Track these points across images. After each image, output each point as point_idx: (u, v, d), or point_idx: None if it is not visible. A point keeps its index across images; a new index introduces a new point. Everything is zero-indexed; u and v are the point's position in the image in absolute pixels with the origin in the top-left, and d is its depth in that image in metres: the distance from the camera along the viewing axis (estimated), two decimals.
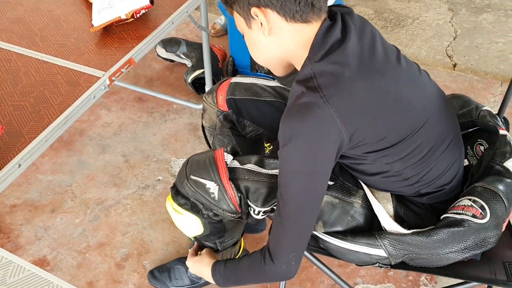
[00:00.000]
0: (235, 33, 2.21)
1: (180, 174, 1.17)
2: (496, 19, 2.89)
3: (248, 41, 0.99)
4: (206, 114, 1.40)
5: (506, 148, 1.11)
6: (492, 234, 0.99)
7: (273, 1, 0.88)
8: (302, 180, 0.92)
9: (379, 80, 0.90)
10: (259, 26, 0.92)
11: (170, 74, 2.39)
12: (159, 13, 1.59)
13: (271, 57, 0.99)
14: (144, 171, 1.93)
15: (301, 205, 0.94)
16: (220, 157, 1.12)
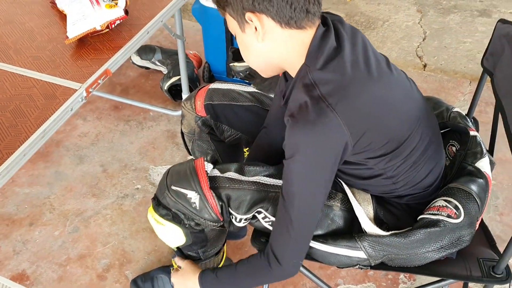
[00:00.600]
0: (210, 39, 2.22)
1: (161, 185, 1.18)
2: (462, 19, 2.98)
3: (240, 43, 1.00)
4: (185, 120, 1.42)
5: (477, 148, 1.16)
6: (466, 232, 1.03)
7: (268, 7, 0.89)
8: (309, 186, 0.95)
9: (377, 86, 0.93)
10: (253, 31, 0.93)
11: (145, 82, 2.39)
12: (134, 23, 1.59)
13: (263, 61, 1.00)
14: (123, 180, 1.92)
15: (308, 210, 0.97)
16: (200, 167, 1.14)
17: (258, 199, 1.10)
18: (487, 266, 1.08)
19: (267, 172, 1.14)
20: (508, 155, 1.77)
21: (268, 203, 1.10)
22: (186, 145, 1.48)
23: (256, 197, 1.11)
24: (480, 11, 3.06)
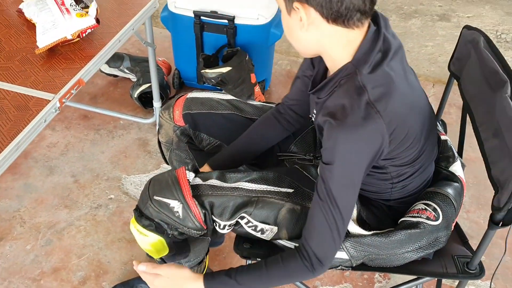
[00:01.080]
0: (180, 46, 2.22)
1: (143, 195, 1.17)
2: (423, 24, 3.08)
3: (283, 23, 0.98)
4: (163, 130, 1.41)
5: (449, 153, 1.21)
6: (443, 234, 1.08)
7: (318, 2, 0.87)
8: (349, 188, 0.96)
9: (410, 92, 0.98)
10: (298, 19, 0.92)
11: (114, 90, 2.36)
12: (105, 31, 1.58)
13: (304, 46, 0.99)
14: (95, 191, 1.89)
15: (349, 210, 0.98)
16: (182, 176, 1.13)
17: (241, 205, 1.11)
18: (461, 262, 1.13)
19: (249, 178, 1.15)
20: (472, 154, 1.85)
21: (251, 208, 1.11)
22: (163, 154, 1.47)
23: (238, 202, 1.11)
24: (439, 16, 3.17)
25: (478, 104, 1.18)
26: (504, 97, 1.02)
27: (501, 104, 1.03)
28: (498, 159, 1.03)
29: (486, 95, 1.12)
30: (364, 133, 0.90)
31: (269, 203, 1.12)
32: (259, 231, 1.13)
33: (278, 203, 1.12)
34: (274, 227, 1.12)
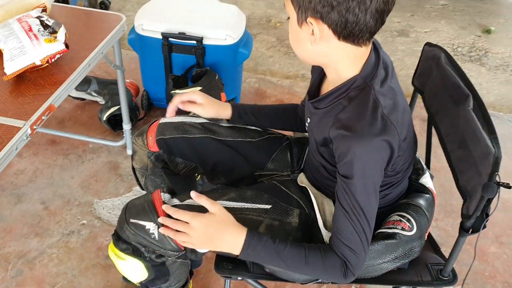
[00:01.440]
0: (147, 66, 2.22)
1: (120, 220, 1.17)
2: (383, 40, 3.19)
3: (291, 32, 1.00)
4: (137, 156, 1.41)
5: (418, 165, 1.26)
6: (417, 244, 1.12)
7: (334, 20, 0.90)
8: (372, 196, 0.99)
9: (406, 106, 1.05)
10: (309, 32, 0.94)
11: (82, 113, 2.33)
12: (74, 56, 1.57)
13: (310, 57, 1.02)
14: (67, 217, 1.86)
15: (373, 217, 1.01)
16: (157, 198, 1.14)
17: None
18: (435, 270, 1.17)
19: (227, 196, 1.17)
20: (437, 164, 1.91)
21: None
22: (138, 180, 1.47)
23: None
24: (398, 32, 3.29)
25: (443, 117, 1.23)
26: (467, 110, 1.08)
27: (465, 116, 1.08)
28: (464, 169, 1.08)
29: (450, 109, 1.18)
30: (382, 143, 0.94)
31: (247, 220, 1.13)
32: None
33: (256, 220, 1.14)
34: None
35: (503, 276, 1.79)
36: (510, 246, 1.90)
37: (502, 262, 1.84)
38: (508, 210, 2.04)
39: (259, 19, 3.30)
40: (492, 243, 1.90)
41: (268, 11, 3.41)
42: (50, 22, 1.52)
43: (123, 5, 3.34)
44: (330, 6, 0.89)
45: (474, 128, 1.03)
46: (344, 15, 0.89)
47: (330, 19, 0.90)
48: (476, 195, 0.99)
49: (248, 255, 1.04)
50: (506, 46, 3.25)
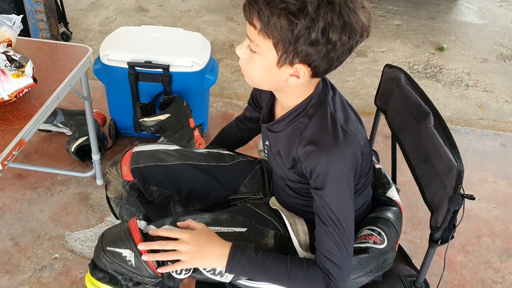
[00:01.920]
0: (113, 96, 2.23)
1: (96, 248, 1.17)
2: None
3: (258, 68, 1.02)
4: (111, 186, 1.41)
5: (384, 180, 1.32)
6: (389, 256, 1.16)
7: (322, 65, 0.96)
8: (348, 205, 1.04)
9: (355, 117, 1.12)
10: (288, 72, 0.99)
11: (48, 145, 2.31)
12: (42, 89, 1.57)
13: (267, 84, 1.06)
14: (38, 252, 1.82)
15: (351, 226, 1.05)
16: (133, 225, 1.15)
17: None
18: (408, 281, 1.22)
19: (202, 221, 1.18)
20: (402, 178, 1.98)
21: None
22: (113, 210, 1.47)
23: None
24: (356, 52, 3.41)
25: (406, 134, 1.30)
26: (428, 127, 1.14)
27: (427, 133, 1.15)
28: (430, 183, 1.14)
29: (412, 126, 1.24)
30: (347, 152, 1.01)
31: None
32: (218, 274, 1.15)
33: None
34: None
35: (471, 283, 1.87)
36: (475, 254, 1.98)
37: (469, 270, 1.92)
38: (471, 219, 2.13)
39: (222, 44, 3.36)
40: (458, 252, 1.98)
41: (231, 36, 3.48)
42: (16, 56, 1.52)
43: (84, 35, 3.34)
44: (326, 58, 0.95)
45: (436, 144, 1.10)
46: (334, 62, 0.97)
47: (318, 66, 0.97)
48: (443, 208, 1.04)
49: (233, 268, 1.08)
50: (458, 62, 3.42)
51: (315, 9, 0.90)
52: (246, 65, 1.05)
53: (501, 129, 2.76)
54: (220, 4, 3.92)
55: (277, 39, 0.94)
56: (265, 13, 0.92)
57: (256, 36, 0.97)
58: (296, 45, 0.93)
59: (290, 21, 0.91)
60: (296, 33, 0.92)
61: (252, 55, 1.02)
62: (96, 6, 3.73)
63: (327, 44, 0.92)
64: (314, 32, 0.91)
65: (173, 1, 3.91)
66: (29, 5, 2.73)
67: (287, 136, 1.10)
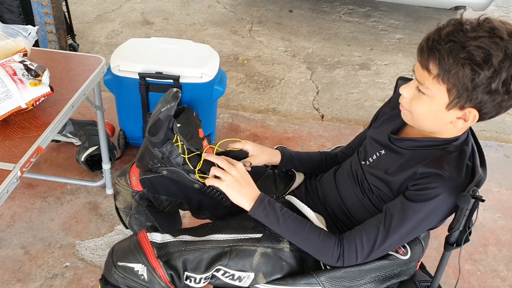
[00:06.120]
0: (123, 106, 2.25)
1: (107, 263, 1.17)
2: (347, 73, 3.35)
3: (428, 111, 1.06)
4: (120, 196, 1.42)
5: None
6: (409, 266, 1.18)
7: (490, 112, 1.02)
8: (414, 233, 1.14)
9: None
10: (456, 115, 1.04)
11: (58, 155, 2.32)
12: (57, 98, 1.59)
13: (430, 124, 1.10)
14: (49, 260, 1.83)
15: (388, 247, 1.13)
16: (144, 239, 1.16)
17: (215, 256, 1.15)
18: (423, 286, 1.24)
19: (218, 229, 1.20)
20: None
21: (226, 259, 1.15)
22: (123, 220, 1.48)
23: (213, 254, 1.15)
24: (360, 65, 3.46)
25: None
26: None
27: None
28: None
29: None
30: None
31: (242, 251, 1.17)
32: (236, 279, 1.17)
33: (250, 249, 1.17)
34: (251, 273, 1.17)
35: None
36: (482, 262, 2.00)
37: (477, 279, 1.93)
38: (477, 229, 2.15)
39: (227, 57, 3.41)
40: (466, 261, 1.99)
41: (235, 49, 3.52)
42: (33, 66, 1.55)
43: (91, 47, 3.38)
44: (498, 106, 1.01)
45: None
46: (502, 110, 1.03)
47: (488, 112, 1.03)
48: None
49: (255, 213, 1.16)
50: None
51: (499, 62, 0.95)
52: (411, 104, 1.10)
53: (504, 141, 2.79)
54: (224, 18, 3.98)
55: (453, 85, 0.99)
56: (447, 62, 0.97)
57: (428, 80, 1.03)
58: (473, 92, 0.99)
59: (473, 71, 0.96)
60: (476, 81, 0.97)
61: (419, 95, 1.07)
62: (102, 19, 3.78)
63: (505, 94, 0.98)
64: (495, 82, 0.96)
65: (178, 14, 3.96)
66: (39, 17, 2.77)
67: (411, 156, 1.14)
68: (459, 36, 0.97)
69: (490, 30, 0.97)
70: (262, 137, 2.59)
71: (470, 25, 0.99)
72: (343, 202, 1.27)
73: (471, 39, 0.96)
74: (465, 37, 0.97)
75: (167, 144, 1.23)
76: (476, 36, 0.96)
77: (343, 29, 3.96)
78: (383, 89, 3.13)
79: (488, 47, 0.95)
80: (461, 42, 0.97)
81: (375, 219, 1.12)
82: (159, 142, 1.22)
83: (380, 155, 1.21)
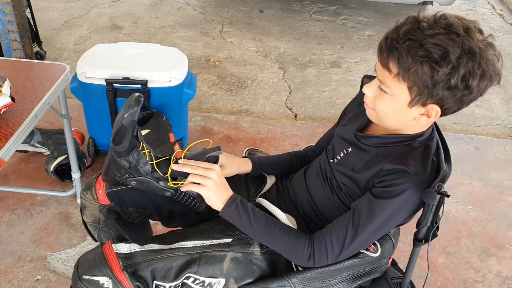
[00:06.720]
0: (91, 113, 2.21)
1: (73, 277, 1.15)
2: (318, 72, 3.36)
3: (391, 108, 1.07)
4: (87, 211, 1.39)
5: None
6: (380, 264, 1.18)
7: (452, 107, 1.02)
8: (382, 230, 1.15)
9: None
10: (419, 112, 1.04)
11: (26, 166, 2.27)
12: (20, 108, 1.55)
13: (394, 121, 1.10)
14: (19, 274, 1.79)
15: (359, 246, 1.14)
16: (109, 251, 1.14)
17: (185, 264, 1.14)
18: (395, 283, 1.24)
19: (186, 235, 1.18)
20: None
21: (195, 266, 1.14)
22: (91, 233, 1.45)
23: (182, 262, 1.14)
24: (331, 63, 3.47)
25: None
26: None
27: None
28: None
29: None
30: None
31: (211, 257, 1.15)
32: (207, 286, 1.16)
33: (220, 255, 1.16)
34: (222, 279, 1.15)
35: (453, 284, 1.90)
36: (456, 255, 2.03)
37: (451, 271, 1.96)
38: (450, 221, 2.18)
39: (198, 59, 3.38)
40: (440, 254, 2.02)
41: (206, 51, 3.50)
42: None
43: (59, 54, 3.31)
44: (460, 101, 1.01)
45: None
46: (464, 105, 1.04)
47: (450, 108, 1.03)
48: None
49: (226, 214, 1.15)
50: None
51: (457, 58, 0.96)
52: (374, 103, 1.10)
53: (474, 133, 2.84)
54: (194, 20, 3.95)
55: (413, 82, 1.00)
56: (406, 60, 0.98)
57: (389, 79, 1.03)
58: (433, 89, 0.99)
59: (432, 69, 0.97)
60: (436, 78, 0.98)
61: (381, 94, 1.07)
62: (69, 25, 3.72)
63: (464, 89, 0.99)
64: (454, 78, 0.97)
65: (147, 17, 3.92)
66: (2, 25, 2.70)
67: (377, 153, 1.14)
68: (417, 34, 0.98)
69: (446, 27, 0.98)
70: (235, 139, 2.58)
71: (427, 22, 0.99)
72: (313, 201, 1.27)
73: (428, 37, 0.97)
74: (423, 35, 0.97)
75: (133, 152, 1.20)
76: (433, 33, 0.97)
77: (314, 28, 3.97)
78: (354, 87, 3.15)
79: (445, 44, 0.96)
80: (418, 40, 0.97)
81: (344, 217, 1.12)
82: (124, 151, 1.19)
83: (347, 153, 1.22)
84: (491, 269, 1.98)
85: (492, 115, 3.05)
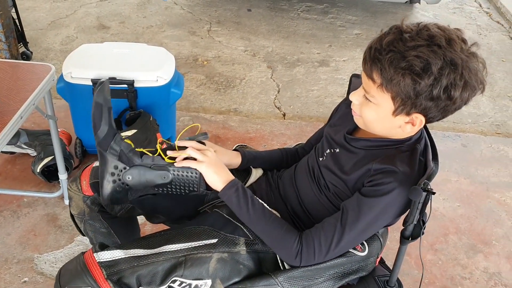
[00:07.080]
0: (78, 114, 2.20)
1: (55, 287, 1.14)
2: (306, 70, 3.36)
3: (376, 117, 1.08)
4: (73, 202, 1.39)
5: None
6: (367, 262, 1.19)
7: (437, 116, 1.04)
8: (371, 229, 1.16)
9: None
10: (403, 120, 1.06)
11: (13, 167, 2.25)
12: (4, 109, 1.54)
13: (380, 128, 1.11)
14: (6, 277, 1.77)
15: (347, 245, 1.15)
16: (90, 260, 1.12)
17: (170, 268, 1.13)
18: (382, 281, 1.25)
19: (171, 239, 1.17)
20: None
21: (181, 270, 1.13)
22: (78, 226, 1.45)
23: (167, 266, 1.13)
24: (319, 62, 3.48)
25: None
26: None
27: None
28: None
29: None
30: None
31: (197, 259, 1.14)
32: None
33: (205, 257, 1.15)
34: (208, 280, 1.15)
35: (441, 281, 1.92)
36: (443, 252, 2.04)
37: (439, 268, 1.97)
38: (438, 218, 2.20)
39: (186, 59, 3.37)
40: (427, 251, 2.03)
41: (194, 50, 3.49)
42: None
43: (45, 55, 3.28)
44: (443, 110, 1.02)
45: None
46: (448, 113, 1.05)
47: (434, 117, 1.05)
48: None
49: (225, 194, 1.16)
50: None
51: (438, 69, 0.96)
52: (360, 110, 1.11)
53: (461, 130, 2.86)
54: (182, 19, 3.94)
55: (396, 93, 1.01)
56: (389, 72, 0.98)
57: (373, 89, 1.04)
58: (416, 100, 1.00)
59: (414, 81, 0.98)
60: (418, 90, 0.98)
61: (367, 102, 1.08)
62: (56, 25, 3.69)
63: (447, 100, 1.00)
64: (436, 89, 0.98)
65: (135, 17, 3.90)
66: None
67: (365, 155, 1.15)
68: (399, 46, 0.99)
69: (428, 38, 0.99)
70: (224, 138, 2.58)
71: (409, 33, 1.00)
72: (301, 199, 1.27)
73: (410, 49, 0.98)
74: (405, 47, 0.98)
75: (115, 137, 1.18)
76: (415, 45, 0.98)
77: (302, 27, 3.98)
78: (342, 85, 3.16)
79: (427, 56, 0.97)
80: (401, 52, 0.98)
81: (333, 217, 1.12)
82: (106, 136, 1.16)
83: (334, 152, 1.22)
84: (478, 265, 2.00)
85: (479, 113, 3.08)
